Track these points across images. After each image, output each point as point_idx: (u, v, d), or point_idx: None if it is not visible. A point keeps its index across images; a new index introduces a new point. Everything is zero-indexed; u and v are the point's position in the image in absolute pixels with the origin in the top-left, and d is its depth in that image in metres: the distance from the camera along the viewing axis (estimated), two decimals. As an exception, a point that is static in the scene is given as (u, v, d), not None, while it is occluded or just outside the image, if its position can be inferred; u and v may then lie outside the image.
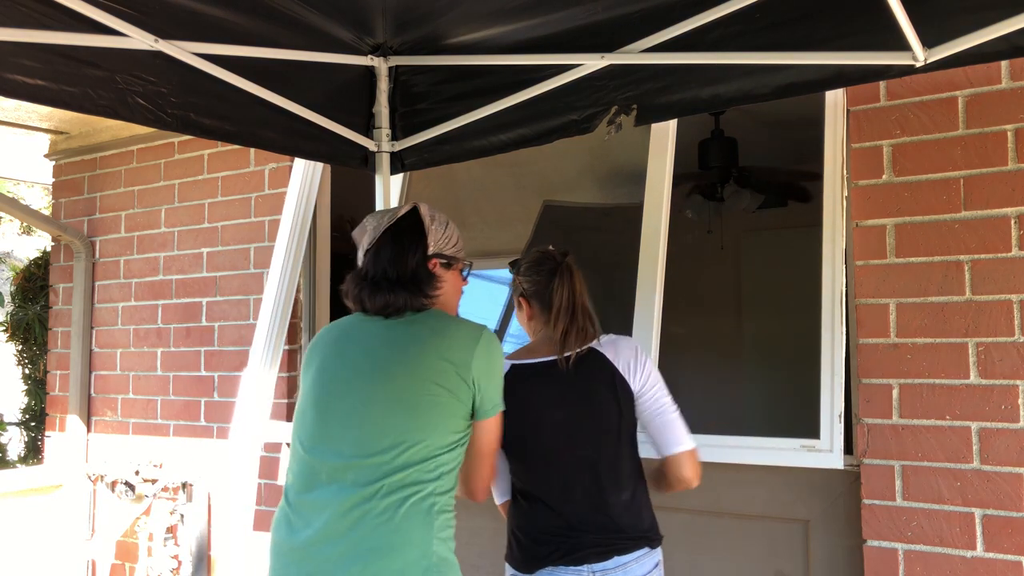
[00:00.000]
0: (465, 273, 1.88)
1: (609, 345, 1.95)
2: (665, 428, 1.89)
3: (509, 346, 2.02)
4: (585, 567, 1.83)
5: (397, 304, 1.71)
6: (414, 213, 1.80)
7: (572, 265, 1.99)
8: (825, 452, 2.31)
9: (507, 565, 1.97)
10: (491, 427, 1.75)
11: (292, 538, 1.65)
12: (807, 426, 2.39)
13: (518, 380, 1.89)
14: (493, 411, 1.73)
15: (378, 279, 1.73)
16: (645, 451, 1.94)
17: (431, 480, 1.64)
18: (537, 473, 1.93)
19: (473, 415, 1.70)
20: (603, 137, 2.10)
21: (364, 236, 1.81)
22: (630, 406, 1.91)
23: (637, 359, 1.93)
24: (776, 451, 2.29)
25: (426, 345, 1.68)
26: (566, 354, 1.90)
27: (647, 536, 1.88)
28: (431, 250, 1.78)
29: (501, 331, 3.51)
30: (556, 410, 1.91)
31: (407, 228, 1.78)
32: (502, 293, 3.60)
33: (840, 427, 2.29)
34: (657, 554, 1.89)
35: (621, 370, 1.91)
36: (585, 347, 1.92)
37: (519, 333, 3.24)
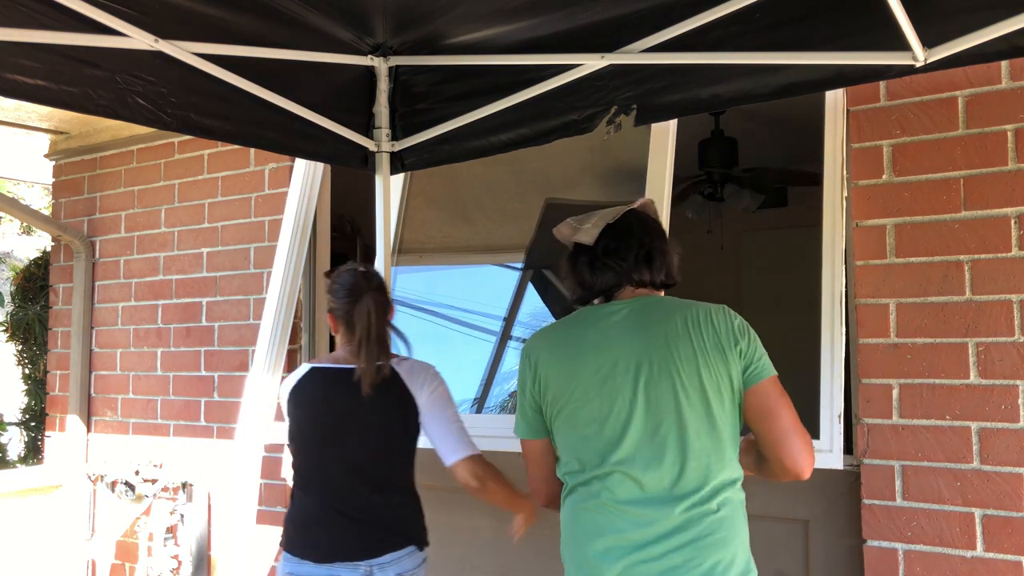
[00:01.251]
0: None
1: (403, 365, 2.14)
2: (443, 440, 2.10)
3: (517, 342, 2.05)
4: (363, 564, 2.03)
5: (645, 279, 1.72)
6: (649, 207, 1.80)
7: (377, 293, 2.15)
8: (825, 452, 2.30)
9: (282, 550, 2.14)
10: (765, 390, 1.64)
11: (627, 537, 1.62)
12: (807, 426, 2.38)
13: (313, 381, 2.14)
14: (762, 375, 1.64)
15: (626, 252, 1.71)
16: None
17: (736, 479, 1.68)
18: (310, 470, 2.13)
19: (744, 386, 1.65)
20: (603, 137, 2.10)
21: (579, 225, 1.75)
22: (415, 421, 2.12)
23: (426, 380, 2.13)
24: None
25: (684, 340, 1.63)
26: (363, 366, 2.05)
27: (416, 537, 2.10)
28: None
29: (507, 327, 3.49)
30: (338, 415, 2.10)
31: (650, 218, 1.78)
32: (507, 291, 3.59)
33: (840, 427, 2.28)
34: (423, 555, 2.12)
35: (410, 388, 2.10)
36: (381, 363, 2.08)
37: (528, 323, 3.26)
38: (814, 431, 2.36)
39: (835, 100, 2.46)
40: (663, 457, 1.61)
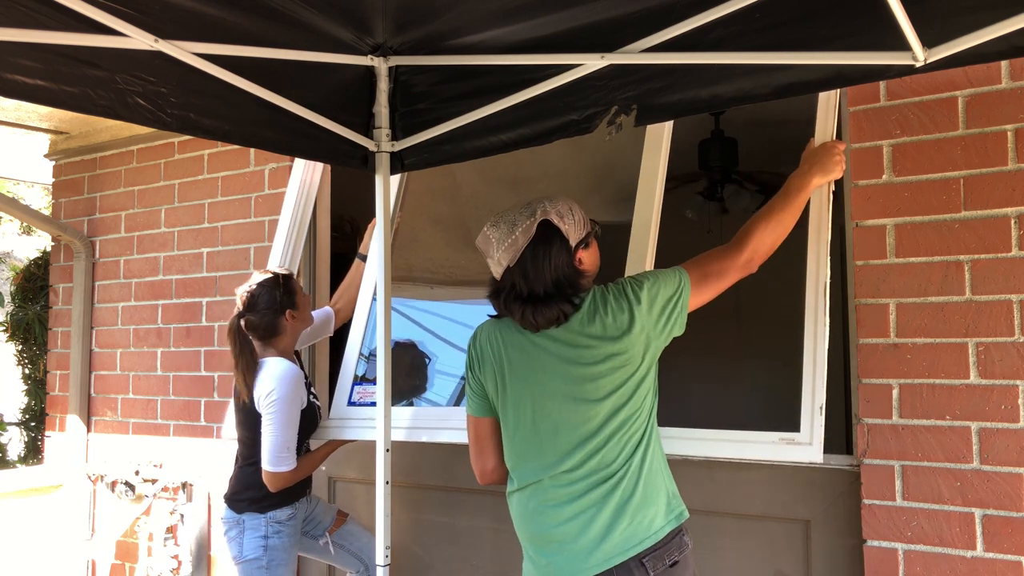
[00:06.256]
0: (598, 236, 1.96)
1: (262, 367, 2.66)
2: (263, 447, 2.60)
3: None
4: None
5: (559, 317, 1.83)
6: (546, 224, 1.84)
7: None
8: (804, 445, 2.18)
9: None
10: (694, 286, 1.91)
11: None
12: (789, 419, 2.32)
13: None
14: (678, 287, 1.89)
15: (534, 297, 1.83)
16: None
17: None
18: None
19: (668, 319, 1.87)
20: (604, 138, 2.09)
21: (489, 247, 1.88)
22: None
23: (263, 387, 2.60)
24: (754, 444, 2.22)
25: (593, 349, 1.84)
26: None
27: (239, 500, 2.69)
28: (572, 244, 1.86)
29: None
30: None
31: (546, 239, 1.84)
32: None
33: (821, 420, 2.20)
34: (242, 517, 2.66)
35: (254, 391, 2.63)
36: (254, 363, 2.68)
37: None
38: (795, 424, 2.30)
39: (827, 98, 2.45)
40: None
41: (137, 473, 3.85)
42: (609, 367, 1.81)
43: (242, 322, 2.69)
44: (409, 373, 3.16)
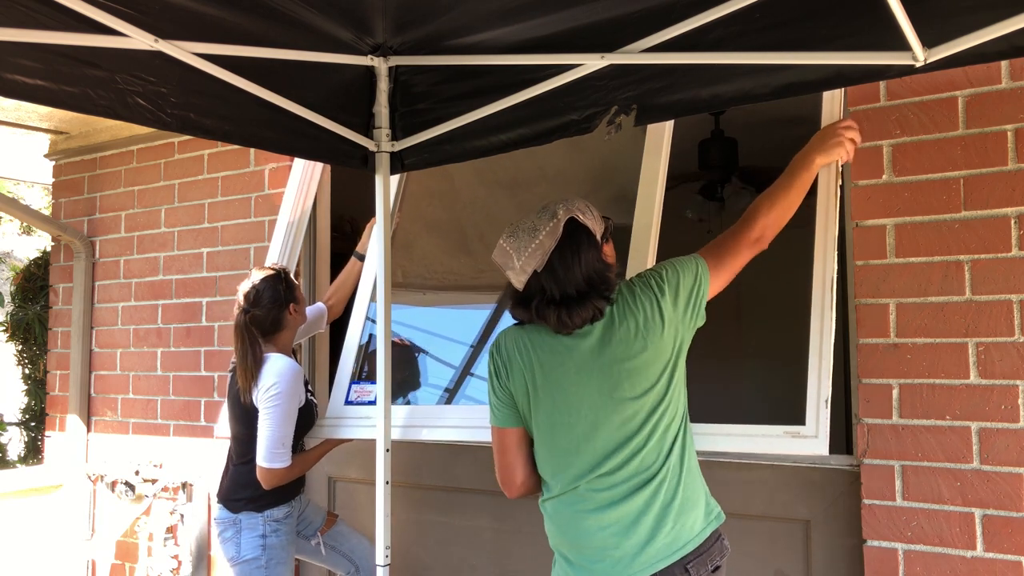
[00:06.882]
0: (611, 232, 1.95)
1: (265, 363, 2.65)
2: (259, 442, 2.59)
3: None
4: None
5: (595, 315, 1.79)
6: (572, 222, 1.82)
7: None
8: (810, 438, 2.15)
9: None
10: (712, 271, 1.91)
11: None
12: (794, 413, 2.31)
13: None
14: (698, 274, 1.87)
15: (567, 298, 1.78)
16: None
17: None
18: None
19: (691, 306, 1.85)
20: (603, 137, 2.09)
21: (509, 258, 1.84)
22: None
23: (264, 381, 2.60)
24: (759, 438, 2.20)
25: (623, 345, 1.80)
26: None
27: (235, 500, 2.69)
28: (598, 237, 1.85)
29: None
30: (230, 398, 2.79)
31: (574, 237, 1.80)
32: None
33: (827, 412, 2.18)
34: (239, 517, 2.67)
35: (255, 386, 2.63)
36: (259, 361, 2.66)
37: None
38: (800, 417, 2.28)
39: (832, 97, 2.45)
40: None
41: (137, 473, 3.85)
42: (643, 362, 1.77)
43: (247, 318, 2.68)
44: (403, 376, 3.16)
